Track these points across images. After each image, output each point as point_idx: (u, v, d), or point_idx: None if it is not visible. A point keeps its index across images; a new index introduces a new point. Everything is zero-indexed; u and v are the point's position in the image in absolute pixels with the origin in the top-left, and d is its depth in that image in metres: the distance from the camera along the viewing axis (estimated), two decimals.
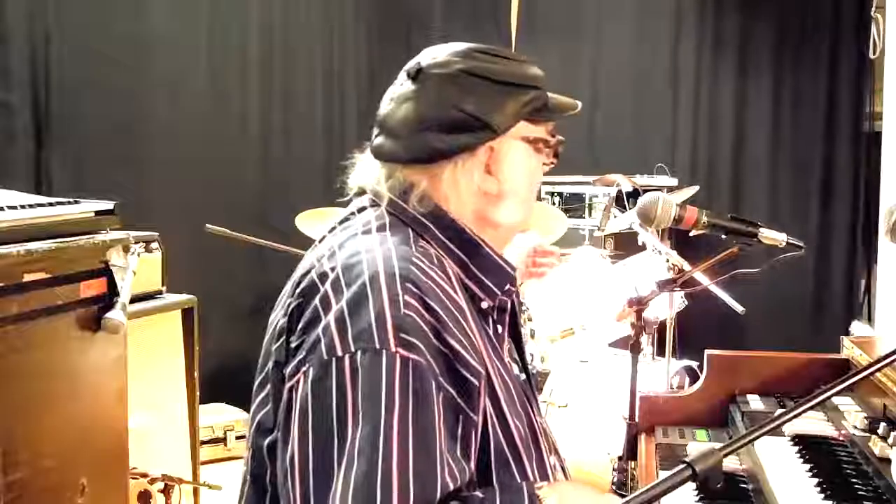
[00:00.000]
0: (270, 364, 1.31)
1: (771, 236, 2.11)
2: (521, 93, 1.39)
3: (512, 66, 1.40)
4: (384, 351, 1.17)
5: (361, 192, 1.46)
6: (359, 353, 1.18)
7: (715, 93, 5.48)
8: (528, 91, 1.39)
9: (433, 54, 1.42)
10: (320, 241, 1.42)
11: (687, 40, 5.50)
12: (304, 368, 1.21)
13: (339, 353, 1.19)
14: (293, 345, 1.26)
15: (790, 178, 5.39)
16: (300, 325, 1.26)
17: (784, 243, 2.12)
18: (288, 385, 1.23)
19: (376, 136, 1.42)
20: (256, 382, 1.37)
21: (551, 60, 5.31)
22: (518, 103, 1.38)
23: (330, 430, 1.16)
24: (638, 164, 5.32)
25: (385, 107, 1.42)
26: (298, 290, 1.30)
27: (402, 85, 1.41)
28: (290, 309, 1.30)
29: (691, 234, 2.16)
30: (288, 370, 1.24)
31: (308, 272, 1.32)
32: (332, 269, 1.27)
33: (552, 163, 1.46)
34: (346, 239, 1.34)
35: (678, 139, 5.52)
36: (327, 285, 1.26)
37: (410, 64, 1.42)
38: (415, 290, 1.23)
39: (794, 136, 5.37)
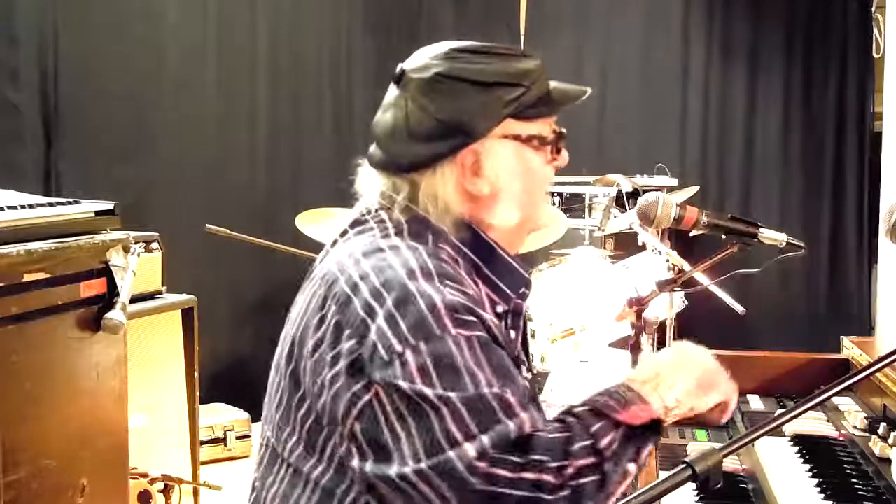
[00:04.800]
0: (304, 377, 1.28)
1: (771, 236, 2.10)
2: (502, 91, 1.34)
3: (496, 62, 1.36)
4: (446, 335, 1.19)
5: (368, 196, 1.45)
6: (421, 342, 1.18)
7: (724, 91, 5.46)
8: (512, 88, 1.34)
9: (416, 57, 1.40)
10: (332, 247, 1.40)
11: (696, 39, 5.48)
12: (375, 379, 1.19)
13: (399, 349, 1.18)
14: (334, 353, 1.24)
15: (796, 178, 5.37)
16: (346, 338, 1.23)
17: (784, 243, 2.11)
18: (364, 400, 1.20)
19: (371, 143, 1.42)
20: (274, 399, 1.36)
21: (560, 57, 5.31)
22: (499, 103, 1.33)
23: (422, 411, 1.16)
24: (647, 162, 5.30)
25: (377, 114, 1.42)
26: (331, 305, 1.26)
27: (389, 91, 1.41)
28: (326, 324, 1.26)
29: (691, 234, 2.16)
30: (355, 388, 1.21)
31: (334, 282, 1.28)
32: (364, 278, 1.25)
33: (555, 158, 1.41)
34: (367, 246, 1.31)
35: (687, 138, 5.50)
36: (365, 294, 1.23)
37: (397, 68, 1.40)
38: (453, 283, 1.25)
39: (801, 137, 5.36)
